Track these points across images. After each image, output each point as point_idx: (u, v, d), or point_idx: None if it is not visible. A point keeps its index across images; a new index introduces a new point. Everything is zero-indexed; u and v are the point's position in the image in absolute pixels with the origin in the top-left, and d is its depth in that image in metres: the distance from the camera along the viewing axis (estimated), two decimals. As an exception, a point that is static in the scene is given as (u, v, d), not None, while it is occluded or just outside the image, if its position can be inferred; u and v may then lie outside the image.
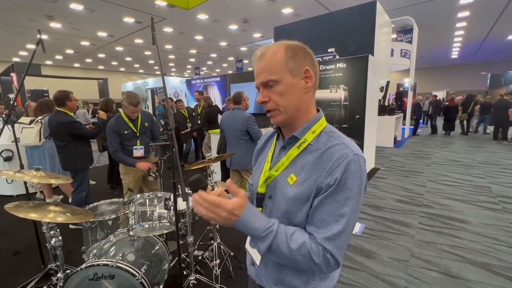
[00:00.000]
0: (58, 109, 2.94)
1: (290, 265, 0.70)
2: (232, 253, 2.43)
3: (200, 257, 2.44)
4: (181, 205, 2.06)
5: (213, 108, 5.82)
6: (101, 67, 21.07)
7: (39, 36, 2.03)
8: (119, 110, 3.24)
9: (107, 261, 1.51)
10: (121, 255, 1.67)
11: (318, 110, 0.80)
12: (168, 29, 11.25)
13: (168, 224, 1.90)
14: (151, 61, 18.64)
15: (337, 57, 5.75)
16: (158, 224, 1.89)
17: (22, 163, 2.22)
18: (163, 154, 2.72)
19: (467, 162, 6.05)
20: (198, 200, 0.66)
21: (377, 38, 6.02)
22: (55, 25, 10.18)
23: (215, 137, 4.68)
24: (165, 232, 1.86)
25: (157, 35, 1.70)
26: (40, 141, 3.71)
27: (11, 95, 9.96)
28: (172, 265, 2.15)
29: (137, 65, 20.56)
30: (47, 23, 9.90)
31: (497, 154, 6.79)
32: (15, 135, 2.41)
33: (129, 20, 9.85)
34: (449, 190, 4.29)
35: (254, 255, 0.85)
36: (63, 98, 2.91)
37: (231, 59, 18.21)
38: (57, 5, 8.17)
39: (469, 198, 3.93)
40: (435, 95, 11.99)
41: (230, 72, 20.79)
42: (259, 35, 12.39)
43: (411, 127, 10.67)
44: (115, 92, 14.61)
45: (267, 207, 0.81)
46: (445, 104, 10.80)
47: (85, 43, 13.32)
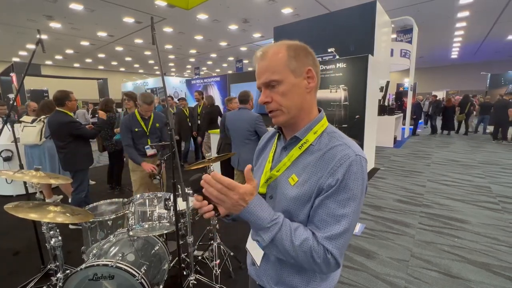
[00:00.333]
0: (57, 109, 2.93)
1: (290, 261, 0.69)
2: (232, 253, 2.43)
3: (200, 257, 2.43)
4: (181, 205, 2.06)
5: (215, 108, 5.83)
6: (101, 67, 21.07)
7: (38, 36, 2.03)
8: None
9: (107, 261, 1.51)
10: (121, 255, 1.66)
11: (319, 110, 0.79)
12: (168, 29, 11.25)
13: (168, 224, 1.89)
14: (151, 61, 18.64)
15: (337, 57, 5.76)
16: (158, 224, 1.89)
17: (21, 163, 2.22)
18: (163, 154, 2.72)
19: (467, 162, 6.05)
20: (210, 180, 0.64)
21: (377, 38, 6.03)
22: (55, 25, 10.17)
23: (215, 137, 4.68)
24: (165, 232, 1.86)
25: (157, 35, 1.70)
26: (40, 140, 3.71)
27: (11, 95, 9.97)
28: (172, 265, 2.14)
29: (137, 65, 20.56)
30: (47, 23, 9.89)
31: (497, 154, 6.79)
32: (14, 135, 2.41)
33: (129, 20, 9.85)
34: (449, 190, 4.29)
35: (254, 255, 0.85)
36: (62, 98, 2.90)
37: (231, 59, 18.21)
38: (57, 5, 8.16)
39: (469, 198, 3.93)
40: (435, 95, 11.99)
41: (230, 72, 20.79)
42: (259, 35, 12.39)
43: (411, 127, 10.68)
44: (115, 92, 14.63)
45: None
46: (443, 104, 10.84)
47: (85, 43, 13.31)
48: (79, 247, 2.05)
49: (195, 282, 1.98)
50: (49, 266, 2.09)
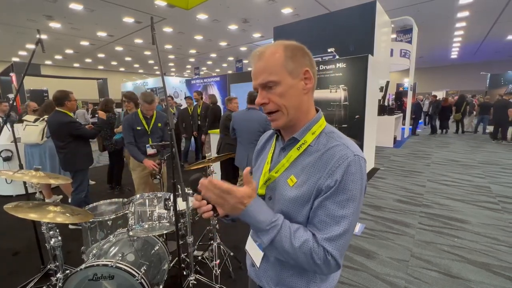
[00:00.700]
0: (57, 109, 2.93)
1: (290, 262, 0.69)
2: (232, 253, 2.43)
3: (200, 257, 2.43)
4: (181, 205, 2.06)
5: (217, 108, 5.85)
6: (100, 67, 21.06)
7: (38, 36, 2.03)
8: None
9: (106, 261, 1.51)
10: (120, 255, 1.66)
11: (317, 110, 0.79)
12: (168, 29, 11.24)
13: (168, 224, 1.89)
14: (151, 61, 18.63)
15: (337, 57, 5.76)
16: (157, 224, 1.89)
17: (21, 163, 2.22)
18: (163, 154, 2.72)
19: (466, 162, 6.05)
20: (208, 186, 0.66)
21: (377, 38, 6.02)
22: (55, 25, 10.17)
23: (215, 137, 4.68)
24: (165, 232, 1.86)
25: (156, 35, 1.70)
26: (42, 139, 3.72)
27: (11, 95, 9.96)
28: (172, 265, 2.14)
29: (136, 65, 20.55)
30: (47, 23, 9.88)
31: (497, 154, 6.79)
32: (14, 135, 2.40)
33: (129, 20, 9.85)
34: (448, 190, 4.29)
35: (254, 256, 0.85)
36: (62, 98, 2.90)
37: (231, 59, 18.21)
38: (57, 5, 8.16)
39: (469, 198, 3.93)
40: (435, 95, 11.99)
41: (229, 72, 20.78)
42: (259, 35, 12.39)
43: (410, 127, 10.69)
44: (114, 92, 14.60)
45: None
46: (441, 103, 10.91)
47: (85, 43, 13.30)
48: (79, 247, 2.05)
49: (195, 282, 1.98)
50: (49, 266, 2.09)
